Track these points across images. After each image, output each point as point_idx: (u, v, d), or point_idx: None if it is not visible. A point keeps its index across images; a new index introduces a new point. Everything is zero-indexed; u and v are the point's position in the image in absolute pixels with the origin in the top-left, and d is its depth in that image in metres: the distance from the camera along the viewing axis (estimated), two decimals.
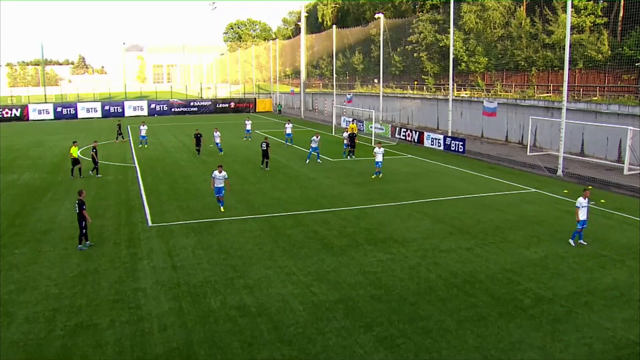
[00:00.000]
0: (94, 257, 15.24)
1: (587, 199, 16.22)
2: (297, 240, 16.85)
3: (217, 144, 36.03)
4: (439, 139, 38.96)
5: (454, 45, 40.43)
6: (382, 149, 27.79)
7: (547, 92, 42.67)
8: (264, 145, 29.59)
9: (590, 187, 20.04)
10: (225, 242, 16.56)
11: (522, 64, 46.78)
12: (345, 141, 34.49)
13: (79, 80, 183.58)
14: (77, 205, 15.85)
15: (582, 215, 16.04)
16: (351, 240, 16.82)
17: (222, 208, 20.47)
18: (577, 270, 14.36)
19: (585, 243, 16.36)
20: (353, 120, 48.57)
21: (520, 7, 48.40)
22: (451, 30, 39.39)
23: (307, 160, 31.54)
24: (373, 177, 27.18)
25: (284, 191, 24.04)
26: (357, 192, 24.05)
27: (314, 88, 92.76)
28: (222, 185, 20.42)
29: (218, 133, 36.25)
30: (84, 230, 15.88)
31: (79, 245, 16.00)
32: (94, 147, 28.52)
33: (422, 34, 59.65)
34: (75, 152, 27.29)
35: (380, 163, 27.32)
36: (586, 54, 40.22)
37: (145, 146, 38.54)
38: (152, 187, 24.92)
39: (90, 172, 28.07)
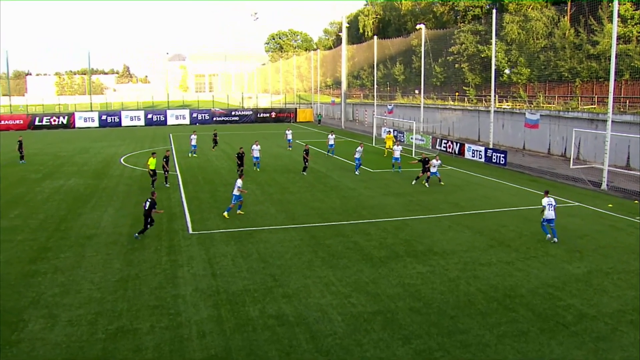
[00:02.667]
0: (135, 263, 15.62)
1: (549, 197, 17.85)
2: (336, 250, 16.86)
3: (255, 157, 32.60)
4: (480, 151, 38.38)
5: (495, 56, 39.83)
6: (439, 162, 28.40)
7: (592, 104, 41.49)
8: (305, 152, 30.53)
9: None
10: (264, 251, 16.72)
11: (565, 75, 45.69)
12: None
13: (123, 89, 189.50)
14: (148, 203, 17.68)
15: (550, 214, 17.44)
16: (391, 252, 16.72)
17: (226, 214, 20.79)
18: (622, 287, 13.86)
19: (556, 240, 17.50)
20: (390, 131, 48.19)
21: (564, 17, 47.28)
22: (493, 40, 38.89)
23: (357, 172, 31.25)
24: (423, 184, 27.66)
25: (323, 201, 24.12)
26: (397, 203, 23.92)
27: (354, 98, 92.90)
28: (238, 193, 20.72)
29: (258, 147, 32.77)
30: (148, 227, 17.92)
31: (136, 234, 17.98)
32: (166, 156, 27.46)
33: (463, 45, 59.12)
34: (153, 164, 26.32)
35: (436, 173, 27.96)
36: (633, 64, 38.98)
37: (195, 155, 39.21)
38: (193, 195, 25.43)
39: (165, 183, 27.38)
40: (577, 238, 18.24)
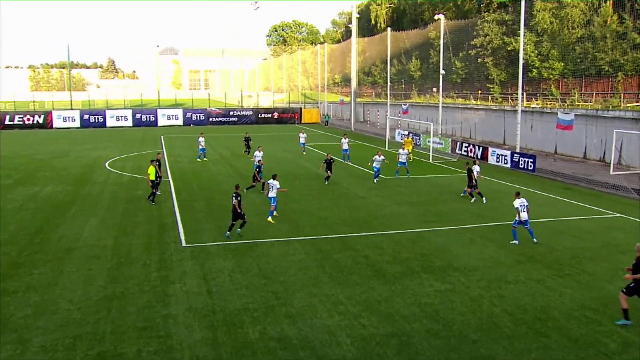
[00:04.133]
0: (120, 279, 15.60)
1: (520, 199, 19.10)
2: (345, 265, 16.85)
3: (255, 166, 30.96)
4: (506, 156, 38.30)
5: (524, 49, 39.67)
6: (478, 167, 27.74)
7: (636, 101, 41.19)
8: (326, 162, 30.22)
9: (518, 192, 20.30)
10: (266, 266, 16.73)
11: (605, 69, 45.17)
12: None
13: (108, 86, 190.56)
14: (235, 197, 19.39)
15: (524, 215, 18.75)
16: (405, 267, 16.69)
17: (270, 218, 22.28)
18: None
19: (535, 241, 18.92)
20: (409, 134, 48.22)
21: (605, 1, 46.01)
22: (521, 31, 38.68)
23: (375, 180, 30.85)
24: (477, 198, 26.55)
25: (331, 211, 24.12)
26: (412, 213, 23.91)
27: (365, 97, 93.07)
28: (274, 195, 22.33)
29: (261, 152, 32.07)
30: (245, 220, 19.71)
31: (227, 233, 19.66)
32: (157, 160, 26.77)
33: (487, 37, 59.00)
34: (153, 173, 25.18)
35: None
36: None
37: (205, 159, 39.13)
38: (186, 204, 25.49)
39: (157, 192, 26.75)
40: (619, 254, 18.10)
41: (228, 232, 19.79)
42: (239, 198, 19.55)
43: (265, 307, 13.68)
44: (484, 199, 26.18)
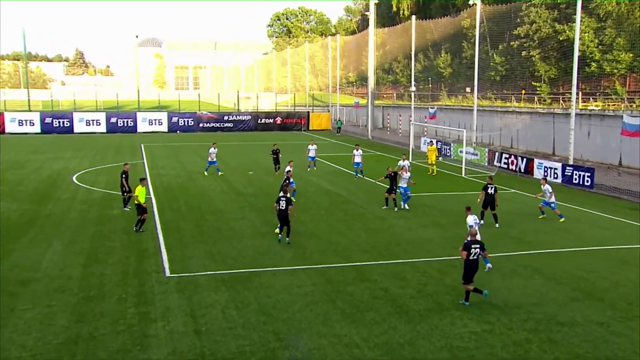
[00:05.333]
0: (89, 317, 15.48)
1: (473, 215, 20.46)
2: (360, 300, 16.78)
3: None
4: (556, 169, 38.17)
5: (580, 38, 39.49)
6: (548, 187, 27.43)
7: None
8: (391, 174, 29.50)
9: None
10: (266, 300, 16.69)
11: None
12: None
13: (75, 83, 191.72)
14: (284, 201, 21.54)
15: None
16: (433, 303, 16.60)
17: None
18: None
19: (490, 266, 19.37)
20: (432, 142, 47.94)
21: None
22: (577, 16, 38.50)
23: (405, 205, 29.40)
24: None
25: (344, 234, 24.08)
26: (441, 237, 23.85)
27: (385, 99, 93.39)
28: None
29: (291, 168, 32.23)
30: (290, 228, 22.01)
31: (287, 238, 22.25)
32: (125, 172, 27.73)
33: (534, 24, 58.92)
34: (143, 194, 24.43)
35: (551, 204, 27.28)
36: None
37: (220, 173, 38.84)
38: (171, 225, 25.55)
39: (124, 207, 28.12)
40: None
41: (287, 239, 22.43)
42: (286, 201, 22.26)
43: (264, 351, 13.62)
44: (496, 224, 25.77)
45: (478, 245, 16.64)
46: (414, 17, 65.07)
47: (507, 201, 31.52)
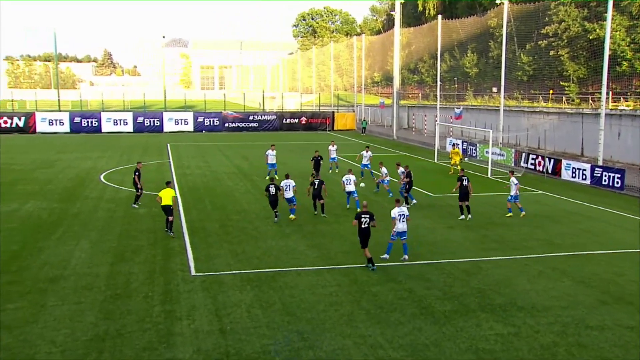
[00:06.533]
0: (116, 315, 15.69)
1: (400, 207, 20.85)
2: (385, 301, 16.77)
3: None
4: (585, 170, 37.74)
5: (611, 37, 38.93)
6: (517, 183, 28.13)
7: None
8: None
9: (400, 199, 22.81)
10: (290, 300, 16.75)
11: None
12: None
13: (103, 83, 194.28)
14: (317, 182, 25.74)
15: (401, 226, 20.40)
16: (459, 304, 16.53)
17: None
18: None
19: (406, 257, 20.41)
20: (454, 145, 47.52)
21: None
22: (608, 13, 37.96)
23: (413, 201, 30.31)
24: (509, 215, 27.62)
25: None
26: (466, 238, 23.73)
27: (410, 99, 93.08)
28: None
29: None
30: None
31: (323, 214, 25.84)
32: (138, 170, 28.97)
33: (563, 23, 58.22)
34: (168, 197, 24.32)
35: (515, 198, 27.80)
36: None
37: (276, 177, 38.15)
38: (197, 225, 25.73)
39: (133, 204, 29.05)
40: None
41: (323, 214, 26.41)
42: (319, 182, 26.52)
43: (289, 350, 13.66)
44: (469, 215, 27.14)
45: (368, 216, 19.82)
46: (440, 16, 64.68)
47: (533, 203, 31.26)
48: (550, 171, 40.50)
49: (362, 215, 19.82)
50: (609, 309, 16.38)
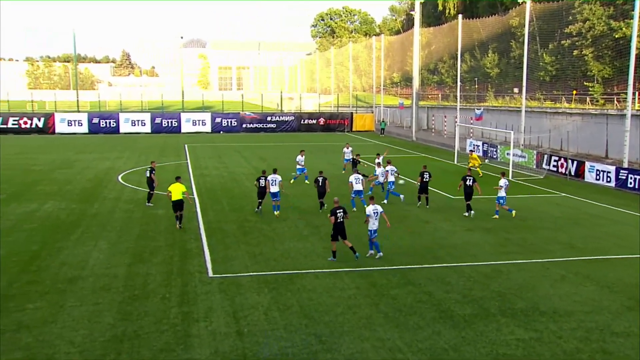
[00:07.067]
0: (134, 316, 15.80)
1: (375, 205, 21.24)
2: (404, 304, 16.73)
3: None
4: (609, 172, 37.41)
5: (638, 35, 38.45)
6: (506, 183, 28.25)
7: None
8: (427, 176, 30.02)
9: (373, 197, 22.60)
10: (308, 303, 16.76)
11: None
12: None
13: (121, 84, 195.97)
14: (322, 179, 25.79)
15: (372, 224, 20.91)
16: (479, 308, 16.45)
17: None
18: None
19: (380, 254, 20.88)
20: (474, 151, 47.18)
21: None
22: (635, 12, 37.42)
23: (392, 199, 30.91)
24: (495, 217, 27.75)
25: (387, 237, 23.92)
26: (487, 241, 23.62)
27: (430, 100, 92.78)
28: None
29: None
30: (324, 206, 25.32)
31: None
32: (152, 169, 29.75)
33: (587, 22, 57.64)
34: (178, 192, 25.18)
35: (503, 200, 27.80)
36: None
37: (306, 181, 36.96)
38: (214, 226, 25.85)
39: (148, 202, 29.77)
40: None
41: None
42: (322, 179, 28.06)
43: (306, 353, 13.67)
44: (472, 212, 27.77)
45: (342, 210, 20.58)
46: (460, 16, 64.35)
47: (555, 205, 31.06)
48: (573, 173, 40.18)
49: (337, 211, 20.55)
50: (635, 315, 16.17)
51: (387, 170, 31.22)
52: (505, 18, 70.86)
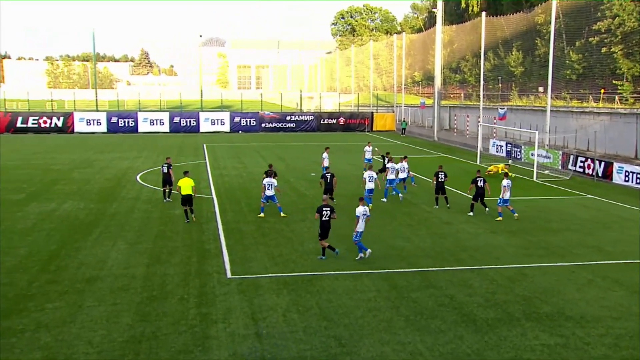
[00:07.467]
0: (152, 316, 15.87)
1: (364, 207, 21.09)
2: (425, 307, 16.65)
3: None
4: (638, 173, 36.97)
5: None
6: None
7: None
8: (442, 175, 30.01)
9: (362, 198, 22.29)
10: (328, 305, 16.73)
11: None
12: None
13: (140, 83, 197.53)
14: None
15: (360, 227, 20.82)
16: (502, 312, 16.32)
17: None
18: None
19: (370, 251, 20.81)
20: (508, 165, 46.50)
21: None
22: None
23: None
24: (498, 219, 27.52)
25: (408, 239, 23.95)
26: (511, 244, 23.45)
27: (452, 99, 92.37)
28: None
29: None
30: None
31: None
32: (169, 164, 30.48)
33: (617, 18, 57.03)
34: (187, 187, 26.19)
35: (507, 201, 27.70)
36: None
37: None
38: (233, 226, 25.91)
39: (167, 198, 30.70)
40: None
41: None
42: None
43: (325, 356, 13.65)
44: (487, 208, 28.19)
45: (329, 209, 20.73)
46: (483, 13, 64.00)
47: (583, 207, 30.77)
48: (600, 174, 39.76)
49: (324, 208, 20.71)
50: None
51: (388, 167, 31.95)
52: (530, 15, 70.34)
